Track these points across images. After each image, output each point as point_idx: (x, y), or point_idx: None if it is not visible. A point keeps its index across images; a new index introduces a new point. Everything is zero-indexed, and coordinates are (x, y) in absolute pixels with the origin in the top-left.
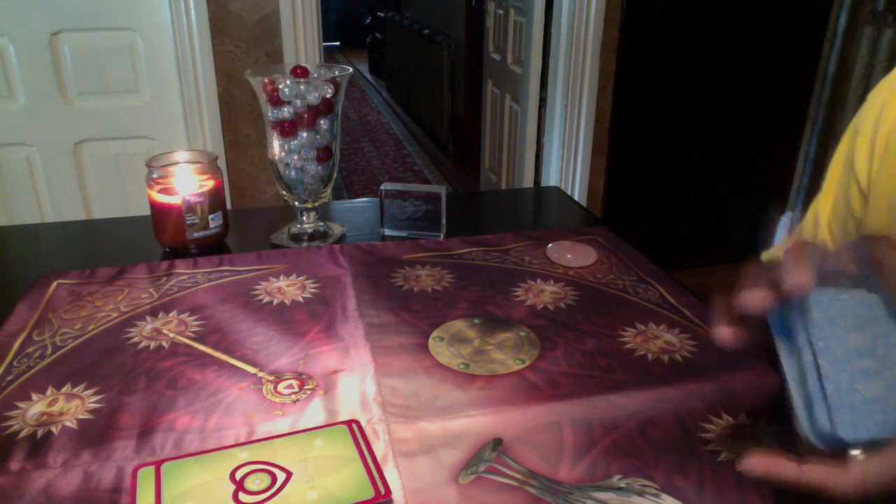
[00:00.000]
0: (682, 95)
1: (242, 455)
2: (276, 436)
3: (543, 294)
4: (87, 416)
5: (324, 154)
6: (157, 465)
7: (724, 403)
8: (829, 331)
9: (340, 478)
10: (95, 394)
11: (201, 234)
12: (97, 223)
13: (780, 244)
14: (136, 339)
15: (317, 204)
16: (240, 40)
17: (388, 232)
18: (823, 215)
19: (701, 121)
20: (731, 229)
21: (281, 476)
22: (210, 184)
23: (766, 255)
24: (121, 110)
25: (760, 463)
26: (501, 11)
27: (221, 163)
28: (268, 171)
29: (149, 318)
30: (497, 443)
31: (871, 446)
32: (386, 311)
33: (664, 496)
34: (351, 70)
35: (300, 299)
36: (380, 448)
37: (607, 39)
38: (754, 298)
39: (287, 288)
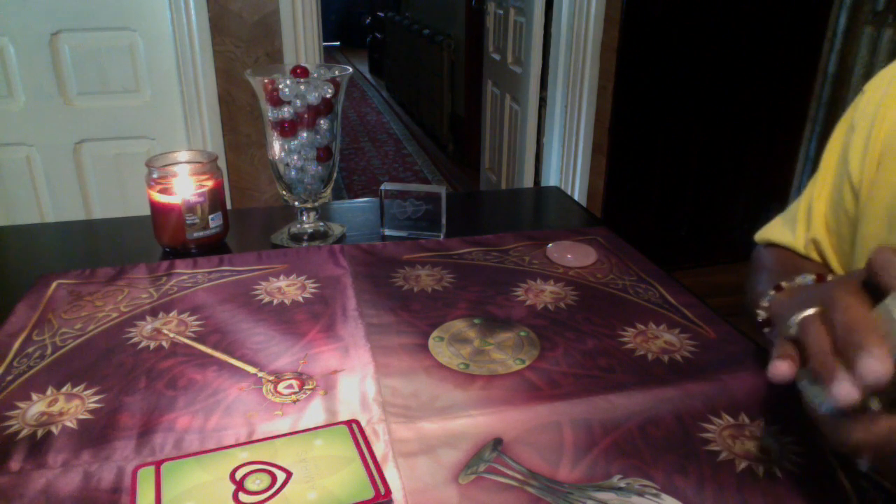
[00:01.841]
0: (682, 95)
1: (242, 455)
2: (276, 436)
3: (543, 294)
4: (87, 416)
5: (324, 154)
6: (157, 465)
7: (724, 403)
8: None
9: (340, 478)
10: (95, 394)
11: (201, 234)
12: (97, 223)
13: (772, 224)
14: (136, 339)
15: (317, 204)
16: (240, 40)
17: (388, 232)
18: (819, 206)
19: (701, 121)
20: (731, 229)
21: (281, 476)
22: (210, 184)
23: (759, 236)
24: (121, 110)
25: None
26: (501, 11)
27: (221, 163)
28: (268, 171)
29: (149, 318)
30: (497, 443)
31: None
32: (386, 311)
33: (664, 496)
34: (351, 70)
35: (300, 299)
36: (380, 448)
37: (607, 39)
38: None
39: (287, 288)
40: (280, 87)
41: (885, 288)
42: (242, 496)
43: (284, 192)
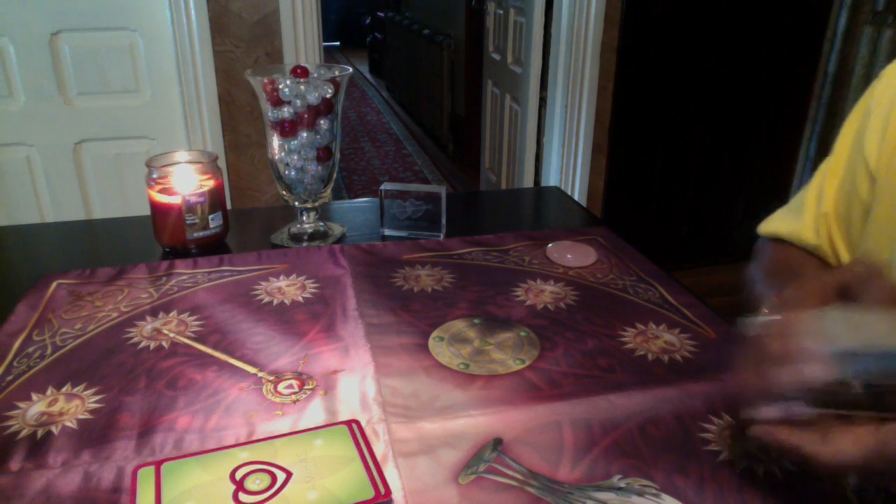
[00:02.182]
0: (682, 95)
1: (242, 455)
2: (276, 436)
3: (543, 294)
4: (87, 416)
5: (324, 154)
6: (157, 465)
7: (724, 403)
8: None
9: (340, 478)
10: (95, 394)
11: (201, 234)
12: (97, 223)
13: (776, 215)
14: (136, 339)
15: (317, 204)
16: (240, 40)
17: (388, 232)
18: (829, 191)
19: (701, 121)
20: (731, 229)
21: (281, 476)
22: (210, 184)
23: (762, 228)
24: (121, 110)
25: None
26: (501, 11)
27: (221, 163)
28: (268, 171)
29: (149, 318)
30: (497, 443)
31: None
32: (386, 311)
33: (664, 496)
34: (351, 70)
35: (300, 299)
36: (380, 448)
37: (607, 39)
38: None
39: (287, 288)
40: (280, 87)
41: (852, 297)
42: (242, 496)
43: (284, 192)
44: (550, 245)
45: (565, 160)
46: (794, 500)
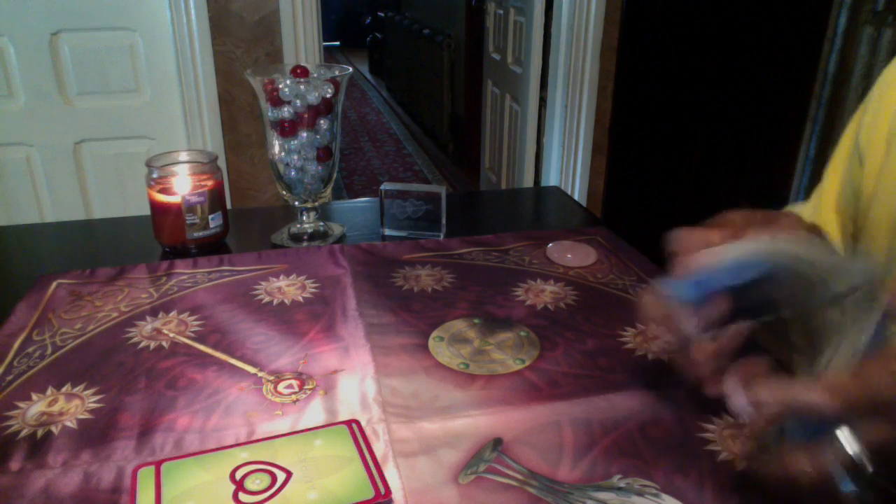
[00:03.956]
0: (682, 95)
1: (242, 455)
2: (276, 436)
3: (543, 294)
4: (87, 416)
5: (324, 154)
6: (157, 465)
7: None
8: None
9: (340, 478)
10: (95, 394)
11: (201, 234)
12: (97, 223)
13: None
14: (136, 339)
15: (317, 204)
16: (240, 40)
17: (388, 232)
18: (832, 186)
19: (701, 121)
20: None
21: (281, 476)
22: (210, 184)
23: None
24: (121, 110)
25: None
26: (501, 11)
27: (221, 163)
28: (268, 171)
29: (149, 318)
30: (497, 443)
31: None
32: (386, 311)
33: (664, 496)
34: (351, 70)
35: (300, 299)
36: (380, 448)
37: (607, 39)
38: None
39: (287, 288)
40: (280, 87)
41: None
42: (242, 496)
43: (284, 192)
44: (550, 245)
45: (565, 160)
46: (794, 500)
